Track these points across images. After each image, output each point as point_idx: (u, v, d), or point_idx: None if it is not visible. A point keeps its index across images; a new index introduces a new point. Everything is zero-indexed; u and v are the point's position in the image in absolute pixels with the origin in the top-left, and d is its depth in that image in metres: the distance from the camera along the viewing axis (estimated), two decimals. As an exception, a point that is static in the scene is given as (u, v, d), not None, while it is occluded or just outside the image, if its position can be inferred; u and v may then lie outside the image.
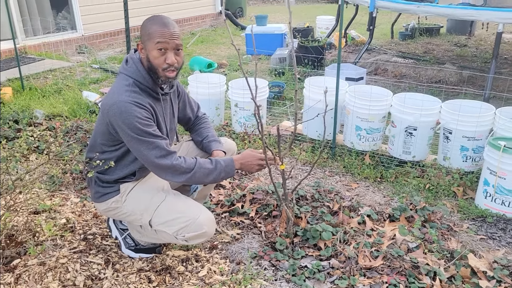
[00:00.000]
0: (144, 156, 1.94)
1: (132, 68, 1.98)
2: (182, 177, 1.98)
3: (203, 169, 2.00)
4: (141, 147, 1.91)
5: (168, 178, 2.01)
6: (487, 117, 3.08)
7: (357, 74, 4.49)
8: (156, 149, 1.92)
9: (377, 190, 3.08)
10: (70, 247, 2.34)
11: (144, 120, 1.90)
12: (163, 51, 1.92)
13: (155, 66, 1.94)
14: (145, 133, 1.90)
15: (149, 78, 1.98)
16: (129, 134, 1.89)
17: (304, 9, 13.68)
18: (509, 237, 2.53)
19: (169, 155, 1.95)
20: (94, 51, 7.39)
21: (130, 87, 1.94)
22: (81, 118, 4.18)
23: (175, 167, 1.95)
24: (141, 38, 1.96)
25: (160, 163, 1.93)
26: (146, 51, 1.95)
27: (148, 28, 1.93)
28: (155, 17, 1.97)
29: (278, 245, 2.35)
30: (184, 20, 9.67)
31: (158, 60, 1.93)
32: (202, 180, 2.04)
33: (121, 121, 1.88)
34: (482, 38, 8.41)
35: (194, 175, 1.98)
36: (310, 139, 3.77)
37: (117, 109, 1.88)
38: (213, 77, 4.20)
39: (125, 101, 1.88)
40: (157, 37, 1.90)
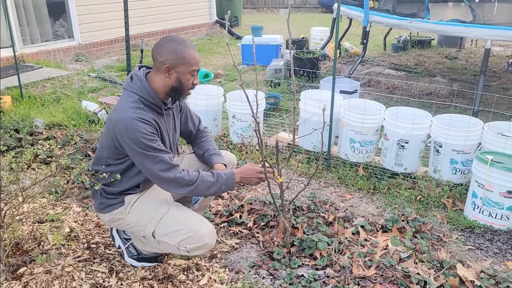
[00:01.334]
0: (148, 170, 2.03)
1: (137, 85, 2.07)
2: (185, 189, 2.08)
3: (205, 182, 2.10)
4: (146, 161, 2.01)
5: (172, 190, 2.10)
6: (475, 132, 3.21)
7: (351, 87, 4.62)
8: (160, 163, 2.01)
9: (370, 201, 3.19)
10: (74, 255, 2.42)
11: (149, 136, 2.00)
12: (194, 75, 2.10)
13: (184, 87, 2.10)
14: (150, 148, 1.99)
15: (155, 95, 2.07)
16: (134, 149, 1.98)
17: (298, 19, 13.87)
18: (496, 248, 2.65)
19: (172, 168, 2.04)
20: (91, 60, 7.47)
21: (135, 103, 2.03)
22: (80, 128, 4.25)
23: (178, 180, 2.04)
24: (169, 60, 2.02)
25: (164, 176, 2.03)
26: (178, 74, 2.05)
27: (182, 53, 2.03)
28: (181, 40, 2.07)
29: (276, 255, 2.45)
30: (180, 29, 9.78)
31: (189, 82, 2.09)
32: (204, 192, 2.14)
33: (127, 136, 1.97)
34: (472, 51, 8.62)
35: (197, 187, 2.08)
36: (306, 151, 3.88)
37: (122, 126, 1.97)
38: (211, 88, 4.31)
39: (131, 117, 1.97)
40: (194, 63, 2.06)
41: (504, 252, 2.61)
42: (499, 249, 2.64)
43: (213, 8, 10.73)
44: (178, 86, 2.08)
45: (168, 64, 2.03)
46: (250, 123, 3.98)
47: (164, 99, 2.14)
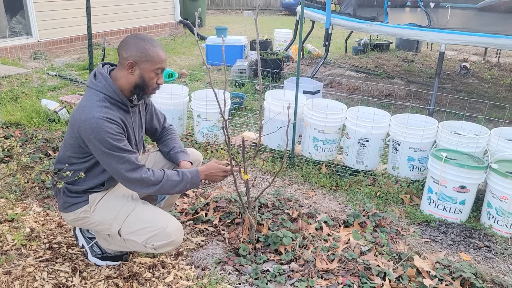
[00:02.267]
0: (114, 170, 2.02)
1: (102, 83, 2.04)
2: (150, 189, 2.08)
3: (170, 181, 2.11)
4: (112, 161, 2.00)
5: (137, 190, 2.10)
6: (431, 130, 3.37)
7: (314, 88, 4.72)
8: (126, 163, 2.01)
9: (333, 198, 3.28)
10: (35, 256, 2.37)
11: (115, 135, 1.98)
12: (159, 73, 2.08)
13: (147, 85, 2.08)
14: (116, 148, 1.98)
15: (120, 93, 2.06)
16: (100, 149, 1.96)
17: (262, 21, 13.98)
18: (450, 240, 2.79)
19: (138, 169, 2.04)
20: (50, 58, 7.26)
21: (101, 102, 2.00)
22: (40, 127, 4.14)
23: (144, 180, 2.05)
24: (133, 56, 2.01)
25: (129, 177, 2.03)
26: (141, 70, 2.04)
27: (147, 50, 2.02)
28: (148, 38, 2.07)
29: (241, 251, 2.49)
30: (143, 28, 9.66)
31: (153, 81, 2.08)
32: (169, 191, 2.15)
33: (93, 136, 1.95)
34: (428, 55, 8.98)
35: (162, 187, 2.09)
36: (270, 149, 3.94)
37: (89, 125, 1.94)
38: (176, 87, 4.30)
39: (97, 117, 1.95)
40: (159, 62, 2.05)
41: (458, 244, 2.75)
42: (453, 241, 2.78)
43: (176, 8, 10.66)
44: (141, 84, 2.07)
45: (132, 60, 2.02)
46: (215, 122, 4.00)
47: (130, 96, 2.12)
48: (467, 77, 7.23)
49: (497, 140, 3.16)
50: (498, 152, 3.09)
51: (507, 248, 2.72)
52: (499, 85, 6.84)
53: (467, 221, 3.00)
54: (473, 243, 2.76)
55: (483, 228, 2.92)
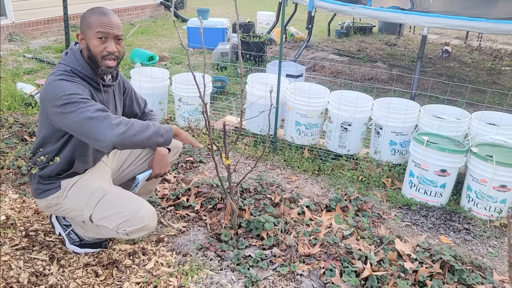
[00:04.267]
0: (78, 117, 1.81)
1: (70, 58, 1.98)
2: (121, 127, 1.84)
3: (140, 122, 1.93)
4: (75, 108, 1.81)
5: (107, 133, 1.82)
6: (413, 114, 3.37)
7: (297, 71, 4.68)
8: (91, 106, 1.84)
9: (315, 182, 3.28)
10: (11, 244, 2.31)
11: (77, 89, 1.87)
12: (103, 39, 1.95)
13: (95, 55, 1.96)
14: (79, 98, 1.84)
15: (88, 67, 1.99)
16: (61, 104, 1.81)
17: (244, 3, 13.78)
18: (430, 223, 2.82)
19: (105, 111, 1.88)
20: (26, 40, 7.03)
21: (67, 72, 1.93)
22: (16, 111, 4.02)
23: (110, 117, 1.85)
24: (81, 28, 1.99)
25: (95, 115, 1.82)
26: (86, 40, 1.97)
27: (87, 18, 1.96)
28: (95, 8, 2.00)
29: (223, 237, 2.46)
30: (123, 10, 9.42)
31: (98, 48, 1.95)
32: (142, 133, 1.91)
33: (53, 95, 1.83)
34: (410, 38, 9.00)
35: (132, 126, 1.88)
36: (252, 134, 3.91)
37: (50, 88, 1.86)
38: (157, 71, 4.20)
39: (58, 79, 1.87)
40: (97, 26, 1.93)
41: (438, 227, 2.78)
42: (433, 224, 2.81)
43: (157, -12, 10.43)
44: (90, 55, 1.97)
45: (80, 32, 1.99)
46: (197, 106, 3.94)
47: (100, 74, 2.05)
48: (448, 60, 7.28)
49: (478, 124, 3.18)
50: (478, 136, 3.11)
51: (486, 231, 2.76)
52: (480, 69, 6.90)
53: (447, 204, 3.03)
54: (453, 226, 2.79)
55: (463, 211, 2.96)
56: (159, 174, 2.33)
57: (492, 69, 6.87)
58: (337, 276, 2.19)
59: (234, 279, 2.19)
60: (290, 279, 2.21)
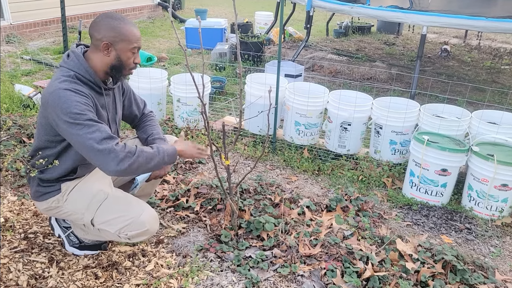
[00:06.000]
0: (83, 142, 1.83)
1: (74, 62, 1.95)
2: (125, 163, 1.85)
3: (145, 153, 1.93)
4: (81, 131, 1.82)
5: (110, 164, 1.84)
6: (412, 114, 3.36)
7: (296, 71, 4.66)
8: (96, 132, 1.83)
9: (315, 182, 3.26)
10: (10, 246, 2.29)
11: (83, 105, 1.85)
12: (135, 53, 2.00)
13: (124, 66, 1.99)
14: (85, 119, 1.84)
15: (92, 72, 1.97)
16: (67, 121, 1.82)
17: (243, 3, 13.76)
18: (431, 223, 2.81)
19: (111, 138, 1.86)
20: (24, 41, 7.01)
21: (71, 78, 1.91)
22: (14, 113, 4.00)
23: (116, 151, 1.84)
24: (108, 37, 1.92)
25: (100, 148, 1.82)
26: (117, 51, 1.95)
27: (121, 29, 1.93)
28: (120, 17, 1.96)
29: (223, 238, 2.45)
30: (120, 11, 9.39)
31: (130, 60, 2.00)
32: (146, 165, 1.94)
33: (59, 107, 1.82)
34: (409, 38, 8.99)
35: (137, 159, 1.89)
36: (252, 134, 3.89)
37: (54, 97, 1.84)
38: (155, 71, 4.19)
39: (64, 88, 1.85)
40: (135, 41, 1.96)
41: (439, 227, 2.77)
42: (434, 223, 2.80)
43: (155, -11, 10.41)
44: (118, 65, 1.98)
45: (107, 41, 1.92)
46: (196, 107, 3.93)
47: (104, 78, 2.03)
48: (447, 59, 7.27)
49: (478, 123, 3.17)
50: (479, 135, 3.10)
51: (487, 230, 2.74)
52: (479, 67, 6.90)
53: (448, 204, 3.02)
54: (454, 226, 2.78)
55: (464, 210, 2.94)
56: (159, 175, 2.31)
57: (491, 68, 6.86)
58: (338, 277, 2.18)
59: (235, 281, 2.17)
60: (291, 280, 2.19)
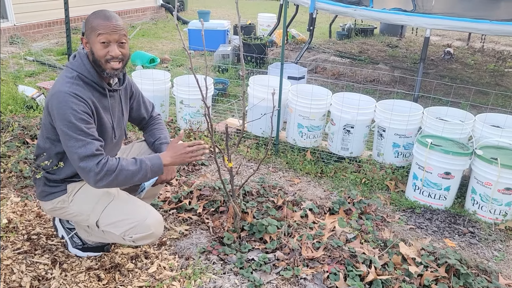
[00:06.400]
0: (69, 153, 1.88)
1: (77, 62, 1.97)
2: (104, 181, 1.88)
3: (125, 171, 1.92)
4: (69, 142, 1.86)
5: (90, 181, 1.90)
6: (416, 116, 3.35)
7: (299, 73, 4.66)
8: (82, 148, 1.85)
9: (318, 185, 3.26)
10: (13, 248, 2.29)
11: (79, 114, 1.86)
12: (106, 43, 1.93)
13: (99, 58, 1.94)
14: (76, 129, 1.85)
15: (94, 72, 1.97)
16: (60, 126, 1.85)
17: (245, 5, 13.78)
18: (435, 226, 2.80)
19: (94, 157, 1.87)
20: (28, 42, 7.03)
21: (73, 79, 1.92)
22: (17, 114, 4.01)
23: (96, 171, 1.86)
24: (85, 32, 1.97)
25: (81, 165, 1.86)
26: (90, 44, 1.95)
27: (91, 22, 1.94)
28: (98, 11, 1.98)
29: (226, 240, 2.44)
30: (123, 12, 9.42)
31: (102, 52, 1.93)
32: (128, 182, 1.96)
33: (57, 111, 1.85)
34: (412, 40, 8.98)
35: (117, 178, 1.90)
36: (254, 136, 3.89)
37: (56, 99, 1.86)
38: (158, 73, 4.19)
39: (65, 91, 1.86)
40: (100, 29, 1.90)
41: (442, 230, 2.76)
42: (438, 227, 2.79)
43: (158, -9, 10.43)
44: (94, 59, 1.95)
45: (84, 36, 1.97)
46: (198, 108, 3.93)
47: (107, 79, 2.04)
48: (451, 62, 7.26)
49: (482, 126, 3.16)
50: (482, 138, 3.09)
51: (491, 234, 2.73)
52: (483, 70, 6.88)
53: (451, 207, 3.01)
54: (457, 229, 2.77)
55: (468, 214, 2.94)
56: (165, 180, 2.31)
57: (495, 71, 6.85)
58: (341, 280, 2.17)
59: (237, 283, 2.17)
60: (294, 283, 2.19)
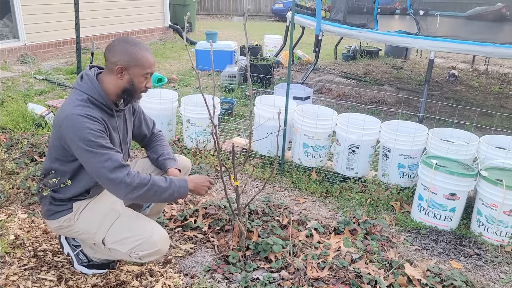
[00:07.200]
0: (96, 170, 1.91)
1: (87, 85, 2.00)
2: (134, 193, 1.93)
3: (156, 186, 1.98)
4: (93, 159, 1.89)
5: (120, 193, 1.94)
6: (421, 137, 3.37)
7: (304, 94, 4.71)
8: (108, 161, 1.90)
9: (323, 205, 3.26)
10: (20, 264, 2.31)
11: (96, 132, 1.90)
12: (148, 78, 2.06)
13: (136, 90, 2.05)
14: (98, 146, 1.89)
15: (105, 95, 2.02)
16: (81, 146, 1.88)
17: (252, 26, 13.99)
18: (440, 248, 2.78)
19: (122, 168, 1.92)
20: (38, 61, 7.16)
21: (84, 102, 1.96)
22: (26, 132, 4.07)
23: (127, 182, 1.91)
24: (122, 61, 1.98)
25: (111, 177, 1.89)
26: (131, 75, 2.00)
27: (136, 54, 1.99)
28: (136, 42, 2.03)
29: (231, 259, 2.45)
30: (132, 33, 9.60)
31: (142, 84, 2.05)
32: (154, 198, 2.02)
33: (73, 133, 1.88)
34: (417, 62, 9.05)
35: (147, 192, 1.95)
36: (260, 155, 3.92)
37: (69, 122, 1.89)
38: (165, 92, 4.26)
39: (77, 113, 1.90)
40: (149, 67, 2.02)
41: (448, 252, 2.75)
42: (443, 248, 2.78)
43: (166, 13, 10.62)
44: (130, 88, 2.03)
45: (121, 65, 1.97)
46: (205, 127, 3.97)
47: (116, 100, 2.08)
48: (455, 84, 7.30)
49: (487, 147, 3.17)
50: (487, 160, 3.10)
51: (497, 256, 2.72)
52: (487, 92, 6.91)
53: (457, 229, 3.00)
54: (463, 251, 2.76)
55: (473, 235, 2.92)
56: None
57: (499, 93, 6.87)
58: (346, 301, 2.16)
59: (242, 302, 2.16)
60: (299, 303, 2.18)
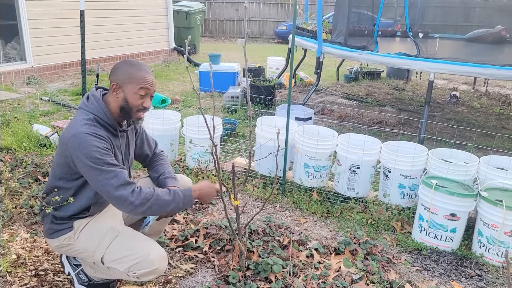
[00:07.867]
0: (102, 186, 1.96)
1: (93, 105, 2.06)
2: (139, 208, 1.98)
3: (161, 200, 2.03)
4: (100, 177, 1.94)
5: (125, 208, 1.99)
6: (421, 158, 3.39)
7: (305, 115, 4.76)
8: (114, 178, 1.95)
9: (324, 225, 3.27)
10: (21, 283, 2.32)
11: (103, 150, 1.95)
12: (143, 96, 2.08)
13: (131, 107, 2.07)
14: (104, 163, 1.94)
15: (110, 115, 2.07)
16: (87, 164, 1.92)
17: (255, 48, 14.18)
18: (441, 268, 2.77)
19: (127, 185, 1.97)
20: (44, 83, 7.28)
21: (90, 121, 2.01)
22: (31, 152, 4.12)
23: (131, 199, 1.96)
24: (118, 79, 2.05)
25: (117, 194, 1.94)
26: (124, 93, 2.06)
27: (130, 72, 2.05)
28: (135, 63, 2.10)
29: (231, 279, 2.45)
30: (137, 55, 9.76)
31: (137, 102, 2.08)
32: (160, 211, 2.07)
33: (80, 151, 1.92)
34: (418, 83, 9.12)
35: (152, 206, 2.00)
36: (262, 176, 3.94)
37: (76, 140, 1.93)
38: (168, 113, 4.32)
39: (84, 132, 1.94)
40: (142, 83, 2.06)
41: (449, 273, 2.74)
42: (444, 269, 2.77)
43: (171, 35, 10.81)
44: (126, 106, 2.07)
45: (116, 82, 2.05)
46: (207, 148, 4.01)
47: (121, 121, 2.14)
48: (457, 105, 7.34)
49: (487, 168, 3.19)
50: (487, 180, 3.11)
51: (499, 277, 2.70)
52: (489, 113, 6.95)
53: (458, 250, 2.99)
54: (464, 272, 2.75)
55: (475, 256, 2.91)
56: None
57: (501, 114, 6.91)
58: (346, 321, 2.15)
59: (242, 323, 2.16)
60: (299, 324, 2.17)
